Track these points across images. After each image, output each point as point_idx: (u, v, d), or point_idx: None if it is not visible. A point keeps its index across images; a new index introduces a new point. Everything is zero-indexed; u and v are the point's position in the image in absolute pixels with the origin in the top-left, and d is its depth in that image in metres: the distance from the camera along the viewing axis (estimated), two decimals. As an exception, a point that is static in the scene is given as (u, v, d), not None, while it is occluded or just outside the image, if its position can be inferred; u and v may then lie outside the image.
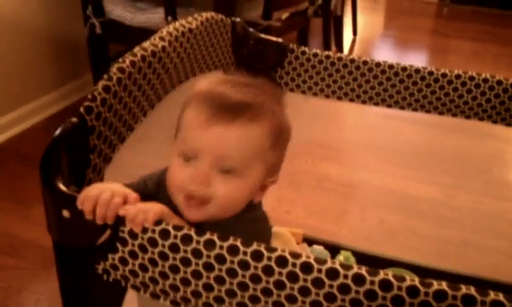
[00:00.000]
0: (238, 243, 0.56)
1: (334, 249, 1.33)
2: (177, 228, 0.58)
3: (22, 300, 1.37)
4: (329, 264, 0.55)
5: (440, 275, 1.29)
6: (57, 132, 0.67)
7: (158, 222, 0.59)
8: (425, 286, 0.54)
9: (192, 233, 0.57)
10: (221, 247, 0.57)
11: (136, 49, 0.80)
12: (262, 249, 0.56)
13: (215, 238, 0.57)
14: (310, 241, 1.35)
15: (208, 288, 0.59)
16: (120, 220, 0.60)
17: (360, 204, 1.79)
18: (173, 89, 0.92)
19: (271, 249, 0.56)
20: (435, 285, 0.54)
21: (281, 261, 0.55)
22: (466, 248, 1.57)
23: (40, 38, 2.10)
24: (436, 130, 2.03)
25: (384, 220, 1.70)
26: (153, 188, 0.72)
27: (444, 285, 0.54)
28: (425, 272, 1.28)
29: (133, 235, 0.60)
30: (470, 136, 1.96)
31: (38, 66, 2.13)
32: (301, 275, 0.55)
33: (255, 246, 0.56)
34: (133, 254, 0.61)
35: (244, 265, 0.56)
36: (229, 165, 0.66)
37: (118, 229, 0.60)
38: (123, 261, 0.62)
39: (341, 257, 1.29)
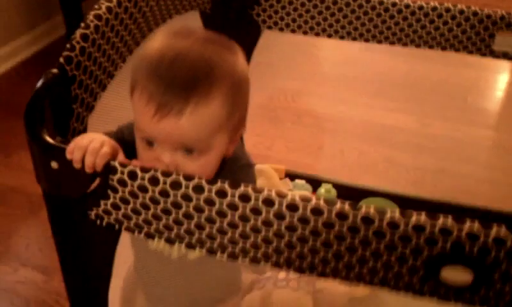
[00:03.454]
0: (226, 185, 0.58)
1: (315, 183, 1.37)
2: (166, 174, 0.60)
3: (12, 245, 1.39)
4: (313, 202, 0.57)
5: (418, 204, 1.34)
6: (39, 83, 0.66)
7: (146, 170, 0.60)
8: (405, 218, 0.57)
9: (181, 178, 0.59)
10: (210, 191, 0.58)
11: (111, -6, 0.78)
12: (250, 190, 0.58)
13: (203, 183, 0.59)
14: (292, 176, 1.38)
15: (200, 227, 0.61)
16: (109, 169, 0.61)
17: (339, 137, 1.82)
18: (150, 32, 0.91)
19: (258, 190, 0.58)
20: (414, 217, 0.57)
21: (269, 202, 0.57)
22: (442, 175, 1.63)
23: (5, -20, 2.02)
24: (413, 61, 2.05)
25: (363, 152, 1.74)
26: (129, 137, 0.73)
27: (423, 216, 0.57)
28: (404, 201, 1.33)
29: (123, 182, 0.61)
30: (446, 66, 1.99)
31: (6, 9, 2.06)
32: (288, 213, 0.57)
33: (242, 188, 0.58)
34: (125, 200, 0.62)
35: (232, 207, 0.58)
36: (190, 147, 0.66)
37: (107, 178, 0.61)
38: (116, 206, 0.64)
39: (322, 190, 1.33)
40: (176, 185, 0.59)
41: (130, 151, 0.70)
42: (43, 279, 1.30)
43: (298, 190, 1.31)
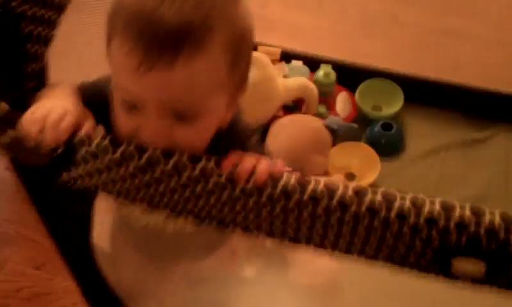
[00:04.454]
0: (185, 159, 0.50)
1: (313, 64, 1.26)
2: (141, 149, 0.51)
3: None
4: (310, 187, 0.50)
5: (422, 85, 1.25)
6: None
7: (117, 144, 0.52)
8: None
9: (160, 154, 0.51)
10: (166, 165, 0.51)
11: None
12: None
13: (185, 160, 0.51)
14: (288, 56, 1.27)
15: (185, 199, 0.55)
16: (73, 144, 0.52)
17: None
18: None
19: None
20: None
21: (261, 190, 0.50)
22: (449, 39, 1.51)
23: None
24: None
25: (366, 9, 1.59)
26: (105, 96, 0.61)
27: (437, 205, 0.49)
28: (408, 83, 1.24)
29: (92, 156, 0.53)
30: None
31: None
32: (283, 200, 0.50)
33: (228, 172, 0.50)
34: (97, 171, 0.55)
35: (221, 187, 0.51)
36: (182, 111, 0.54)
37: (73, 152, 0.53)
38: (88, 174, 0.56)
39: (321, 72, 1.24)
40: (154, 163, 0.51)
41: (107, 114, 0.59)
42: None
43: (294, 75, 1.21)
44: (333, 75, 1.23)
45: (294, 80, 1.18)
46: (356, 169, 1.14)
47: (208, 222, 0.58)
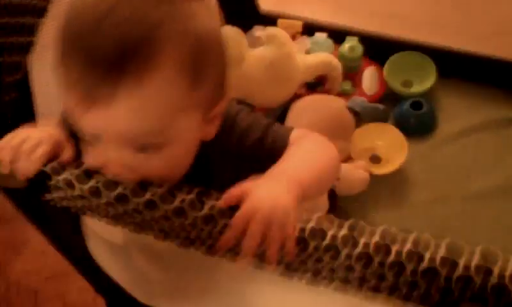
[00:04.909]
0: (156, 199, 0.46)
1: (339, 36, 1.18)
2: (108, 186, 0.48)
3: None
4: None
5: (461, 60, 1.14)
6: None
7: (89, 174, 0.48)
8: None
9: (128, 192, 0.47)
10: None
11: None
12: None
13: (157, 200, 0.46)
14: (311, 29, 1.19)
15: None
16: (43, 176, 0.49)
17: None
18: None
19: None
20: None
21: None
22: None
23: None
24: None
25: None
26: None
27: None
28: (445, 58, 1.14)
29: (63, 187, 0.50)
30: None
31: None
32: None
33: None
34: (71, 198, 0.52)
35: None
36: (140, 143, 0.49)
37: (44, 182, 0.50)
38: (68, 198, 0.53)
39: (346, 46, 1.15)
40: (123, 198, 0.48)
41: None
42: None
43: (317, 50, 1.13)
44: (359, 48, 1.14)
45: (316, 56, 1.10)
46: (381, 152, 1.06)
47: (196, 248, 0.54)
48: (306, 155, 0.56)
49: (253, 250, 0.45)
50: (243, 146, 0.57)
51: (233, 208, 0.46)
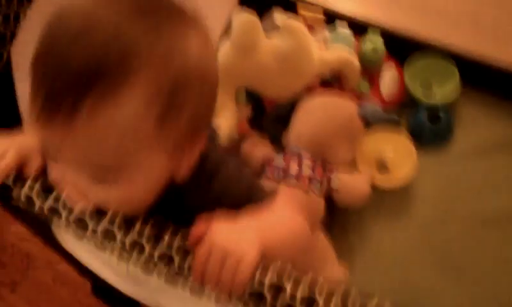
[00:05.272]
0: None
1: (360, 28, 1.11)
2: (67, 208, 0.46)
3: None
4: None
5: (487, 70, 1.07)
6: None
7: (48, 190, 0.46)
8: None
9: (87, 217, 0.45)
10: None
11: None
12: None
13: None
14: (333, 19, 1.13)
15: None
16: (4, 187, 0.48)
17: None
18: None
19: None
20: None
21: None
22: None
23: None
24: None
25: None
26: None
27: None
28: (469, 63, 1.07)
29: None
30: None
31: None
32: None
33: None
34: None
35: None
36: (94, 171, 0.46)
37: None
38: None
39: (369, 47, 1.09)
40: (81, 222, 0.46)
41: None
42: None
43: (337, 43, 1.07)
44: (381, 51, 1.08)
45: (333, 51, 1.04)
46: (389, 161, 1.02)
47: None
48: (278, 219, 0.56)
49: (213, 286, 0.45)
50: (224, 197, 0.55)
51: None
